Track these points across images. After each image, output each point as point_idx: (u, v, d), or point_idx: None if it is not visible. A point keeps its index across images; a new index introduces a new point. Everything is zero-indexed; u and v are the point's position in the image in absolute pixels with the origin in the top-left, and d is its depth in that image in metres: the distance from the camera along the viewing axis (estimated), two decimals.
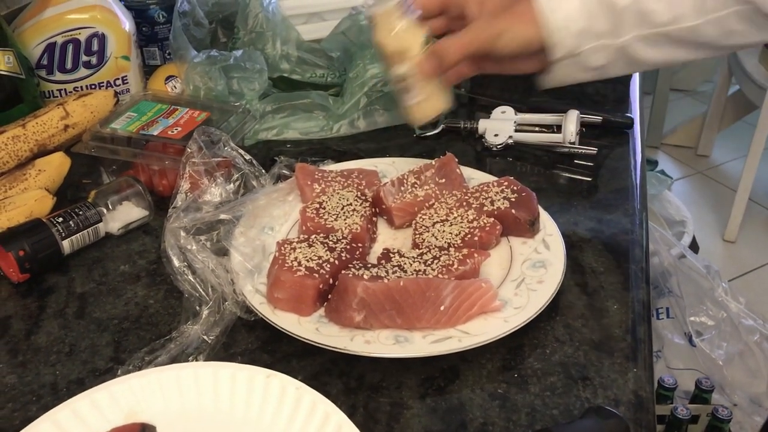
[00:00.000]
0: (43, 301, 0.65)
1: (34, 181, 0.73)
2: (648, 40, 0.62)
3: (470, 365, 0.58)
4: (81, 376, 0.58)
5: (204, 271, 0.62)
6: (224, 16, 1.00)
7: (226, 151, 0.72)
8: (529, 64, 0.68)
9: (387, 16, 0.69)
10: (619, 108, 0.96)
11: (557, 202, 0.77)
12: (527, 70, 0.69)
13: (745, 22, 0.59)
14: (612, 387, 0.56)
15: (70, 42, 0.85)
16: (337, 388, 0.56)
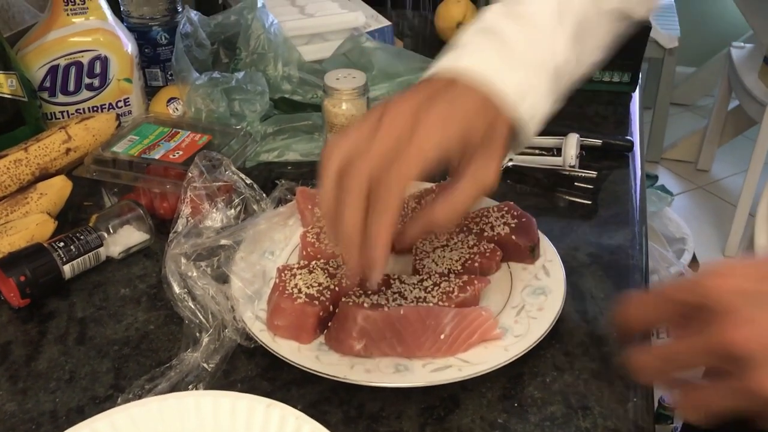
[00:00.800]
0: (43, 327, 0.65)
1: (36, 204, 0.73)
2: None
3: (470, 394, 0.58)
4: (81, 404, 0.58)
5: (204, 297, 0.62)
6: (226, 38, 1.00)
7: (227, 175, 0.72)
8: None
9: (342, 92, 0.78)
10: (619, 130, 0.97)
11: (557, 226, 0.77)
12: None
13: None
14: (612, 417, 0.56)
15: (73, 65, 0.86)
16: (337, 417, 0.56)
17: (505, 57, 0.54)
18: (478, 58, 0.54)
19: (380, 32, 1.09)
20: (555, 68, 0.56)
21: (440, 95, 0.52)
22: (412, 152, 0.50)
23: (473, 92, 0.52)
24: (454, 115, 0.51)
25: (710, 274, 0.41)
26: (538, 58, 0.55)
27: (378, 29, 1.09)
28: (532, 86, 0.54)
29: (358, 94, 0.78)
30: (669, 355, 0.43)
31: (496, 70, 0.53)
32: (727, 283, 0.40)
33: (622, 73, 1.03)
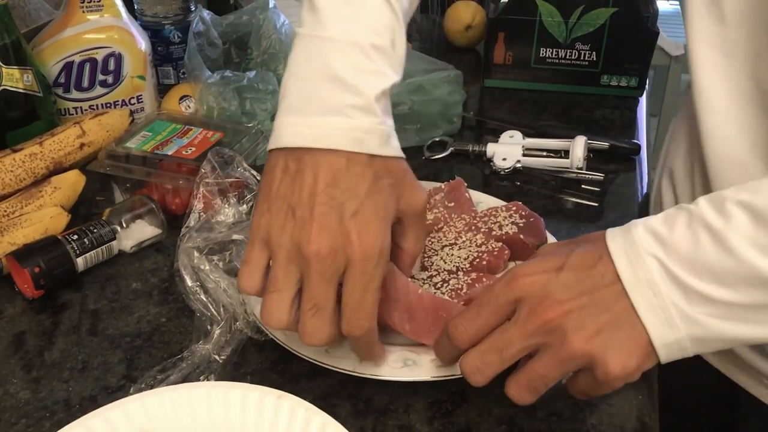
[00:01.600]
0: (56, 318, 0.66)
1: (50, 198, 0.74)
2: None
3: (478, 389, 0.58)
4: (94, 393, 0.59)
5: (216, 290, 0.63)
6: (238, 37, 1.01)
7: (239, 171, 0.73)
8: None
9: None
10: (626, 133, 0.98)
11: (564, 228, 0.78)
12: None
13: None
14: (618, 413, 0.56)
15: (88, 61, 0.87)
16: (346, 410, 0.57)
17: (365, 115, 0.51)
18: (349, 127, 0.50)
19: None
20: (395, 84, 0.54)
21: (336, 200, 0.49)
22: (366, 290, 0.50)
23: (356, 166, 0.50)
24: (369, 216, 0.50)
25: (518, 275, 0.50)
26: (384, 90, 0.52)
27: None
28: (387, 118, 0.53)
29: None
30: (500, 345, 0.50)
31: (371, 137, 0.51)
32: (535, 278, 0.49)
33: (629, 78, 1.04)
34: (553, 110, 1.03)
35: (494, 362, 0.51)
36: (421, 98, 0.92)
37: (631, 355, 0.48)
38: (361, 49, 0.51)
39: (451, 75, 0.94)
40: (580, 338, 0.47)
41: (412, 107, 0.91)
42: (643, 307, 0.47)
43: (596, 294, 0.48)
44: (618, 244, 0.48)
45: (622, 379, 0.48)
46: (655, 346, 0.47)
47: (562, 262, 0.49)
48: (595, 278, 0.48)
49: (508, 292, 0.50)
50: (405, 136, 0.91)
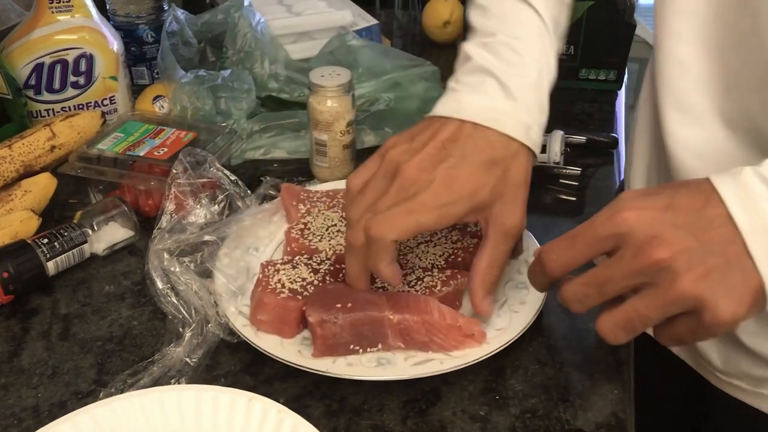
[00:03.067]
0: (26, 323, 0.65)
1: (20, 201, 0.73)
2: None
3: (452, 387, 0.58)
4: (63, 399, 0.58)
5: (187, 293, 0.62)
6: (213, 36, 1.01)
7: (212, 171, 0.72)
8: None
9: (327, 89, 0.78)
10: (605, 127, 0.97)
11: (542, 222, 0.77)
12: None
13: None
14: (592, 409, 0.56)
15: (58, 62, 0.86)
16: (319, 410, 0.56)
17: (505, 98, 0.58)
18: (482, 105, 0.58)
19: (367, 31, 1.09)
20: (548, 83, 0.60)
21: (449, 150, 0.56)
22: (409, 212, 0.55)
23: (481, 145, 0.57)
24: (462, 177, 0.55)
25: (622, 209, 0.47)
26: (533, 84, 0.59)
27: (365, 28, 1.09)
28: (532, 114, 0.58)
29: (343, 91, 0.79)
30: (602, 280, 0.48)
31: (501, 114, 0.57)
32: (642, 215, 0.46)
33: (608, 71, 1.04)
34: None
35: (593, 296, 0.49)
36: (398, 95, 0.91)
37: (742, 301, 0.45)
38: (508, 45, 0.60)
39: (428, 71, 0.93)
40: (690, 279, 0.44)
41: (389, 104, 0.91)
42: (759, 252, 0.44)
43: (706, 235, 0.45)
44: (729, 188, 0.46)
45: (730, 324, 0.45)
46: (767, 293, 0.45)
47: (669, 201, 0.46)
48: (704, 220, 0.45)
49: (610, 226, 0.47)
50: (382, 134, 0.91)
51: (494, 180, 0.56)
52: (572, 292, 0.50)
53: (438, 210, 0.55)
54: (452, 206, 0.55)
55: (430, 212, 0.55)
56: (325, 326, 0.57)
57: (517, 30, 0.61)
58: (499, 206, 0.57)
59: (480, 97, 0.59)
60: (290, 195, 0.74)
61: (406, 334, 0.58)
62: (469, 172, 0.56)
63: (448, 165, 0.56)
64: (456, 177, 0.55)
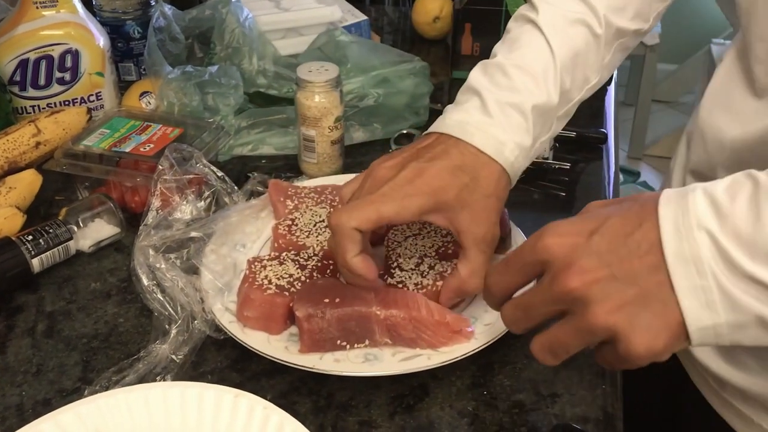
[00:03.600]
0: (11, 320, 0.65)
1: (5, 198, 0.72)
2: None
3: (440, 383, 0.58)
4: (48, 397, 0.57)
5: (173, 289, 0.62)
6: (201, 32, 1.00)
7: (198, 167, 0.71)
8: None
9: (315, 84, 0.78)
10: (594, 122, 0.97)
11: (531, 217, 0.77)
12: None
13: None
14: (580, 404, 0.56)
15: (44, 58, 0.85)
16: (306, 407, 0.56)
17: (480, 114, 0.60)
18: (458, 119, 0.60)
19: (356, 27, 1.08)
20: (534, 108, 0.60)
21: (421, 155, 0.58)
22: (369, 203, 0.56)
23: (452, 152, 0.58)
24: (425, 175, 0.56)
25: (546, 235, 0.47)
26: (514, 105, 0.60)
27: (354, 24, 1.09)
28: (508, 132, 0.59)
29: (330, 87, 0.78)
30: (524, 305, 0.49)
31: (473, 127, 0.59)
32: (563, 241, 0.46)
33: None
34: None
35: (522, 319, 0.50)
36: (387, 90, 0.91)
37: (658, 336, 0.43)
38: (499, 67, 0.62)
39: (417, 67, 0.93)
40: (603, 311, 0.44)
41: (378, 100, 0.90)
42: (683, 285, 0.42)
43: (627, 264, 0.44)
44: (670, 210, 0.44)
45: (647, 359, 0.44)
46: (688, 329, 0.43)
47: (597, 225, 0.45)
48: (630, 247, 0.44)
49: (533, 253, 0.47)
50: (370, 130, 0.90)
51: (460, 185, 0.57)
52: (506, 314, 0.51)
53: (399, 201, 0.56)
54: (412, 198, 0.56)
55: (390, 202, 0.56)
56: (313, 321, 0.57)
57: (517, 53, 0.62)
58: (468, 215, 0.57)
59: (459, 113, 0.61)
60: (278, 191, 0.73)
61: (393, 331, 0.58)
62: (435, 171, 0.57)
63: (415, 164, 0.57)
64: (420, 174, 0.56)
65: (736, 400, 0.63)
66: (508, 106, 0.60)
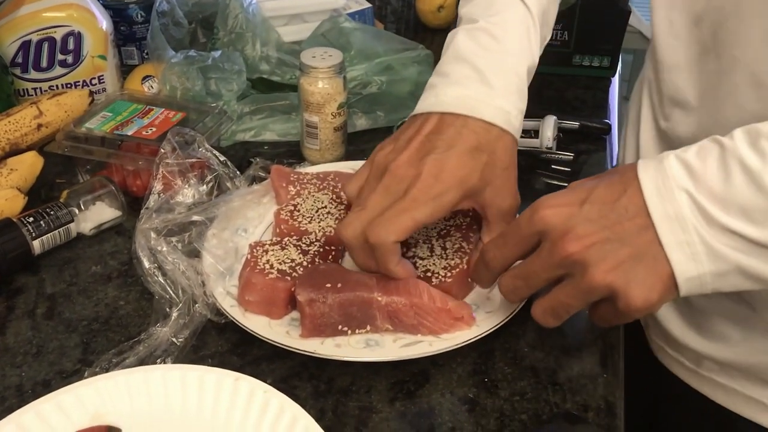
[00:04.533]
0: (11, 302, 0.65)
1: (6, 180, 0.72)
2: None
3: (441, 369, 0.58)
4: (47, 378, 0.57)
5: (174, 272, 0.62)
6: (204, 17, 0.99)
7: (201, 152, 0.71)
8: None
9: (318, 70, 0.77)
10: (598, 114, 0.97)
11: None
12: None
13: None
14: (582, 392, 0.56)
15: (46, 40, 0.84)
16: (306, 391, 0.56)
17: (480, 85, 0.59)
18: (458, 94, 0.59)
19: (360, 14, 1.08)
20: (529, 71, 0.61)
21: (434, 142, 0.57)
22: (403, 212, 0.55)
23: (464, 132, 0.57)
24: (448, 167, 0.56)
25: (541, 207, 0.50)
26: (511, 69, 0.60)
27: (358, 11, 1.08)
28: (510, 100, 0.59)
29: (334, 73, 0.78)
30: (526, 273, 0.52)
31: (477, 101, 0.58)
32: (558, 211, 0.50)
33: (601, 58, 1.03)
34: None
35: (522, 287, 0.53)
36: (391, 78, 0.90)
37: (653, 289, 0.47)
38: (485, 31, 0.60)
39: (421, 55, 0.93)
40: (601, 271, 0.48)
41: (381, 87, 0.90)
42: (669, 241, 0.46)
43: (619, 227, 0.48)
44: (649, 176, 0.47)
45: (644, 310, 0.48)
46: (677, 280, 0.47)
47: (586, 195, 0.49)
48: (618, 211, 0.48)
49: (530, 225, 0.51)
50: (373, 117, 0.90)
51: (481, 165, 0.57)
52: (505, 284, 0.54)
53: (431, 202, 0.55)
54: (444, 196, 0.56)
55: (423, 206, 0.55)
56: (314, 305, 0.57)
57: (499, 16, 0.62)
58: (491, 191, 0.58)
59: (456, 87, 0.59)
60: (280, 176, 0.73)
61: (394, 317, 0.58)
62: (456, 159, 0.56)
63: (434, 156, 0.56)
64: (443, 167, 0.56)
65: (714, 374, 0.65)
66: (505, 73, 0.59)
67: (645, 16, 2.45)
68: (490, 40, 0.60)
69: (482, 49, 0.60)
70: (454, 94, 0.59)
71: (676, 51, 0.61)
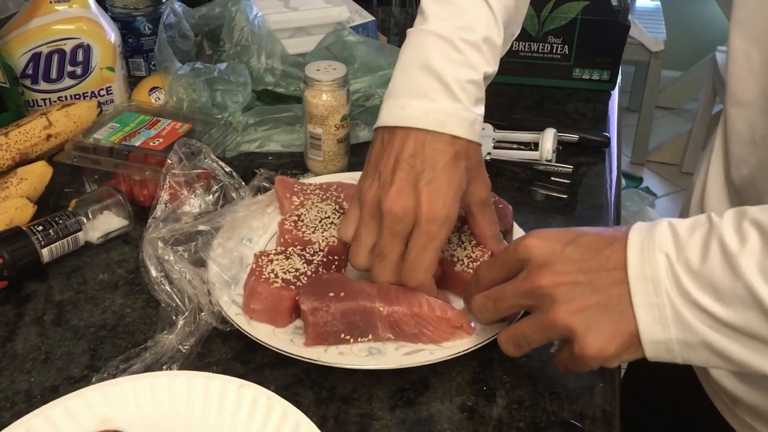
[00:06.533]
0: (20, 309, 0.66)
1: (16, 189, 0.74)
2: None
3: (441, 378, 0.59)
4: (56, 384, 0.59)
5: (181, 281, 0.63)
6: (210, 29, 1.01)
7: (207, 162, 0.73)
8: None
9: (323, 83, 0.79)
10: (597, 126, 0.98)
11: (533, 219, 0.78)
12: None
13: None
14: (578, 401, 0.57)
15: (56, 52, 0.86)
16: (309, 398, 0.57)
17: (448, 99, 0.59)
18: (427, 109, 0.59)
19: (364, 27, 1.10)
20: (488, 77, 0.62)
21: (417, 168, 0.57)
22: (426, 249, 0.58)
23: (441, 147, 0.58)
24: (443, 186, 0.58)
25: (529, 236, 0.53)
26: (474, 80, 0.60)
27: (362, 24, 1.10)
28: (476, 109, 0.60)
29: (338, 86, 0.79)
30: (497, 296, 0.54)
31: (446, 115, 0.59)
32: (543, 244, 0.52)
33: (601, 71, 1.04)
34: (525, 103, 1.03)
35: (490, 309, 0.55)
36: None
37: (612, 341, 0.48)
38: (451, 43, 0.60)
39: None
40: (566, 310, 0.49)
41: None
42: (641, 300, 0.47)
43: (595, 275, 0.49)
44: (639, 236, 0.49)
45: (597, 360, 0.49)
46: (642, 341, 0.48)
47: (574, 237, 0.51)
48: (599, 259, 0.49)
49: (516, 252, 0.53)
50: None
51: (463, 170, 0.60)
52: (476, 302, 0.56)
53: (444, 226, 0.58)
54: (451, 215, 0.58)
55: (438, 233, 0.58)
56: (317, 314, 0.58)
57: (464, 21, 0.61)
58: (472, 187, 0.61)
59: (423, 101, 0.59)
60: (284, 187, 0.74)
61: (395, 326, 0.59)
62: (445, 176, 0.58)
63: (424, 183, 0.58)
64: (438, 189, 0.58)
65: (748, 416, 0.64)
66: (469, 84, 0.60)
67: (649, 30, 2.47)
68: (455, 52, 0.60)
69: (448, 61, 0.60)
70: (422, 107, 0.59)
71: (749, 86, 0.59)
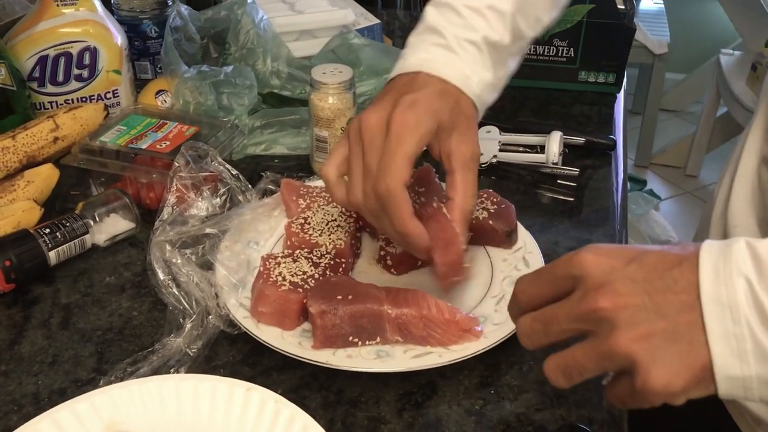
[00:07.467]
0: (27, 311, 0.66)
1: (23, 192, 0.74)
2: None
3: (448, 381, 0.59)
4: (63, 386, 0.59)
5: (188, 284, 0.63)
6: (216, 32, 1.01)
7: (213, 165, 0.73)
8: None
9: (329, 86, 0.79)
10: (603, 129, 0.98)
11: (539, 221, 0.78)
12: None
13: None
14: (586, 405, 0.57)
15: (62, 55, 0.86)
16: (316, 401, 0.57)
17: (444, 50, 0.62)
18: (423, 57, 0.62)
19: (369, 30, 1.10)
20: (491, 44, 0.63)
21: (403, 92, 0.59)
22: (395, 152, 0.56)
23: (432, 81, 0.60)
24: (420, 101, 0.58)
25: (584, 251, 0.45)
26: (473, 41, 0.62)
27: (367, 27, 1.10)
28: (472, 67, 0.61)
29: (344, 89, 0.79)
30: (547, 318, 0.46)
31: (440, 63, 0.61)
32: (601, 260, 0.45)
33: (606, 74, 1.04)
34: (531, 106, 1.03)
35: (539, 332, 0.47)
36: None
37: (679, 375, 0.41)
38: (453, 9, 0.63)
39: None
40: (628, 337, 0.42)
41: None
42: (716, 328, 0.41)
43: (661, 297, 0.42)
44: (712, 256, 0.42)
45: (662, 396, 0.42)
46: (716, 376, 0.41)
47: (636, 255, 0.44)
48: (666, 281, 0.43)
49: (568, 267, 0.46)
50: None
51: (450, 105, 0.59)
52: (523, 325, 0.48)
53: (414, 132, 0.56)
54: (423, 124, 0.57)
55: (409, 138, 0.56)
56: (326, 317, 0.58)
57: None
58: (457, 137, 0.60)
59: (421, 53, 0.62)
60: (290, 190, 0.74)
61: (404, 329, 0.59)
62: (427, 96, 0.58)
63: (406, 97, 0.58)
64: (415, 102, 0.58)
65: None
66: (467, 43, 0.61)
67: (653, 33, 2.47)
68: (455, 16, 0.62)
69: (448, 22, 0.62)
70: (419, 57, 0.62)
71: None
